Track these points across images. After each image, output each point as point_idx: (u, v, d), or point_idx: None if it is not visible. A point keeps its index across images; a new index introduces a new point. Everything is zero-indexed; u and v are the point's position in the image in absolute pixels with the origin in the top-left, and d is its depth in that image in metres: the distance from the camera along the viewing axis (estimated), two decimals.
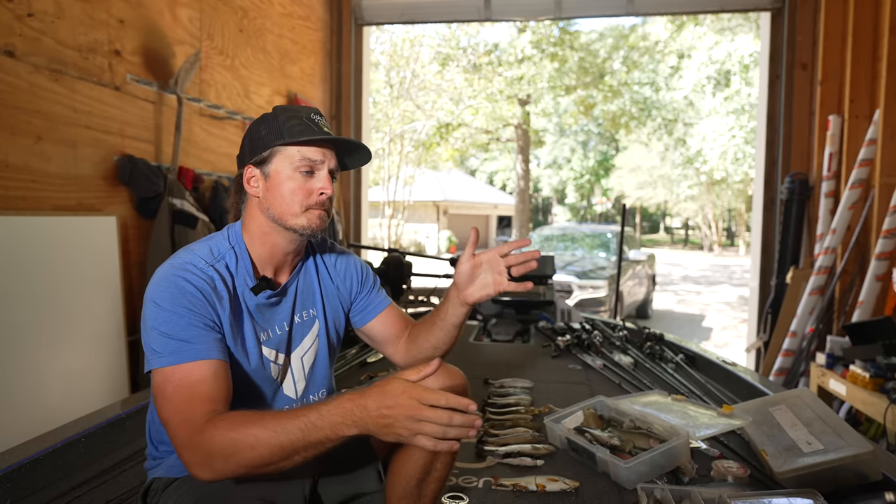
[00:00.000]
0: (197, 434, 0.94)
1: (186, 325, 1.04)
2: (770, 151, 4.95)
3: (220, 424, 0.94)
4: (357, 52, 5.79)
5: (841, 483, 1.51)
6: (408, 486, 1.19)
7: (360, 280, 1.38)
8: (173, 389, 1.00)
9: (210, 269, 1.12)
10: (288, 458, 0.92)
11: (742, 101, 17.49)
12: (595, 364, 2.84)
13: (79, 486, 1.54)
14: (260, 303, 1.18)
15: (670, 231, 37.29)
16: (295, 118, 1.16)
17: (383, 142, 13.61)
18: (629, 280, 8.30)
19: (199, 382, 1.00)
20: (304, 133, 1.14)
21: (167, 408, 0.99)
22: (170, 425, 0.98)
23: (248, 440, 0.91)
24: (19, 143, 2.50)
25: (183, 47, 3.56)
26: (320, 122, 1.18)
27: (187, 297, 1.05)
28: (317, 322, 1.30)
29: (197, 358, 1.02)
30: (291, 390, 1.24)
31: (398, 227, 15.01)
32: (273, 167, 1.17)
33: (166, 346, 1.02)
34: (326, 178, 1.18)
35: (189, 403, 0.98)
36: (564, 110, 19.66)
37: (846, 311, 4.03)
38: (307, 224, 1.16)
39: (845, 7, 4.17)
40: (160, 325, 1.03)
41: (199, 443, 0.94)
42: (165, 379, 1.01)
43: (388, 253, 3.93)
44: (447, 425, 0.89)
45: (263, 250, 1.20)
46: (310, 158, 1.16)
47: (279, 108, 1.19)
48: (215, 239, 1.20)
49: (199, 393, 0.99)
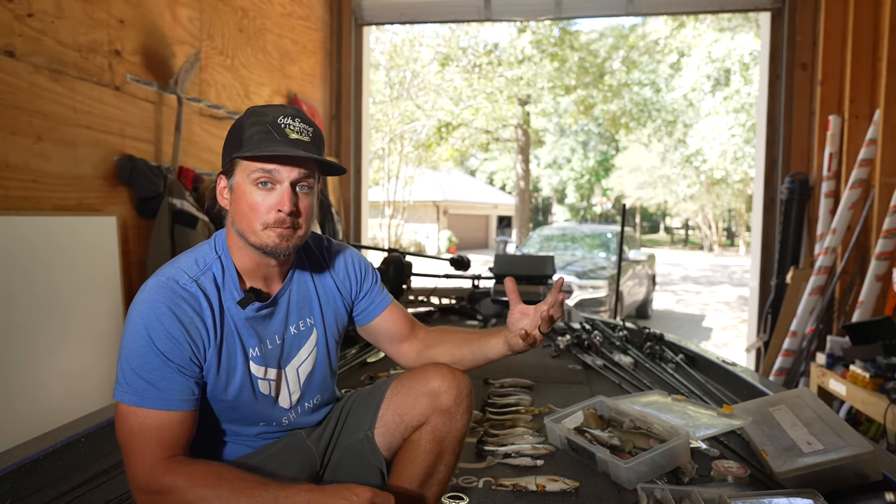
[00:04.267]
0: (153, 479, 0.97)
1: (158, 366, 1.02)
2: (770, 151, 4.95)
3: (179, 475, 0.96)
4: (357, 52, 5.79)
5: (841, 483, 1.51)
6: (410, 487, 1.19)
7: (360, 278, 1.34)
8: (138, 426, 1.00)
9: (194, 285, 1.07)
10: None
11: (742, 101, 17.49)
12: (595, 364, 2.84)
13: (79, 486, 1.54)
14: (249, 316, 1.13)
15: (670, 231, 37.29)
16: (258, 124, 1.06)
17: (383, 142, 13.61)
18: (629, 280, 8.30)
19: (162, 428, 1.01)
20: (263, 143, 1.05)
21: (128, 443, 1.01)
22: (128, 460, 1.00)
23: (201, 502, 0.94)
24: (19, 143, 2.50)
25: (183, 47, 3.56)
26: (288, 128, 1.06)
27: (169, 331, 1.03)
28: (315, 331, 1.25)
29: (163, 407, 1.01)
30: (286, 401, 1.22)
31: (398, 227, 15.01)
32: (236, 179, 1.09)
33: (135, 384, 1.01)
34: (286, 192, 1.06)
35: (150, 445, 0.99)
36: (564, 110, 19.66)
37: (846, 311, 4.03)
38: (266, 242, 1.08)
39: (845, 7, 4.17)
40: (134, 358, 1.02)
41: (155, 488, 0.97)
42: (130, 412, 1.01)
43: (388, 253, 3.93)
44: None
45: (246, 262, 1.14)
46: (265, 170, 1.05)
47: (250, 110, 1.10)
48: (201, 249, 1.15)
49: (161, 437, 1.00)
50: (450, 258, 4.08)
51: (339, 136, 5.72)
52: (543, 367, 2.86)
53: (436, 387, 1.21)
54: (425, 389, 1.21)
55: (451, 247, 22.12)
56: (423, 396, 1.21)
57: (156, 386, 1.01)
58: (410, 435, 1.22)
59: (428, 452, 1.19)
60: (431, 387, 1.21)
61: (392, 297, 1.40)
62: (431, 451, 1.20)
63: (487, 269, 4.05)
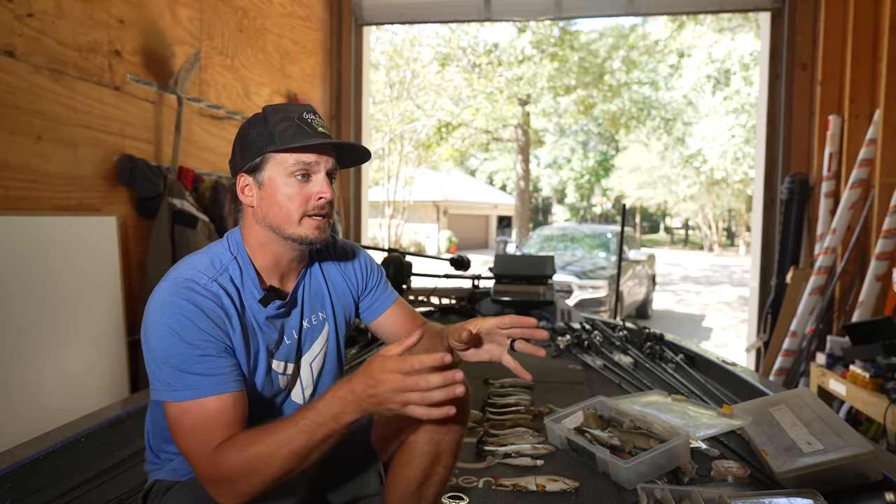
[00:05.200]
0: (217, 466, 0.96)
1: (200, 357, 1.00)
2: (770, 151, 4.95)
3: (231, 451, 0.95)
4: (357, 52, 5.79)
5: (841, 483, 1.51)
6: (407, 489, 1.19)
7: (366, 274, 1.35)
8: (192, 424, 0.98)
9: (214, 284, 1.07)
10: (303, 460, 0.94)
11: (742, 101, 17.49)
12: (595, 364, 2.84)
13: (79, 486, 1.54)
14: (269, 314, 1.14)
15: (670, 231, 37.29)
16: (286, 120, 1.09)
17: (383, 142, 13.62)
18: (629, 280, 8.30)
19: (218, 414, 0.99)
20: (297, 136, 1.08)
21: (185, 442, 0.99)
22: (191, 460, 0.99)
23: (262, 458, 0.93)
24: (19, 143, 2.50)
25: (183, 47, 3.56)
26: (313, 122, 1.11)
27: (197, 324, 1.01)
28: (327, 325, 1.26)
29: (213, 392, 0.99)
30: (299, 396, 1.22)
31: (398, 227, 15.02)
32: (266, 174, 1.10)
33: (182, 380, 0.99)
34: (324, 181, 1.11)
35: (209, 435, 0.98)
36: (564, 110, 19.65)
37: (846, 311, 4.03)
38: (306, 234, 1.11)
39: (845, 7, 4.17)
40: (172, 357, 0.99)
41: (222, 473, 0.95)
42: (183, 412, 0.99)
43: (388, 253, 3.93)
44: (428, 389, 0.88)
45: (266, 260, 1.15)
46: (304, 162, 1.09)
47: (269, 108, 1.13)
48: (215, 249, 1.14)
49: (218, 425, 0.98)
50: (450, 258, 4.08)
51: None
52: (543, 367, 2.86)
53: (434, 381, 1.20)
54: None
55: (451, 247, 22.12)
56: None
57: (204, 375, 1.00)
58: (407, 437, 1.22)
59: (425, 455, 1.19)
60: None
61: (397, 295, 1.40)
62: (428, 454, 1.19)
63: (487, 269, 4.05)
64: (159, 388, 1.01)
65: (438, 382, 0.88)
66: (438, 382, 0.88)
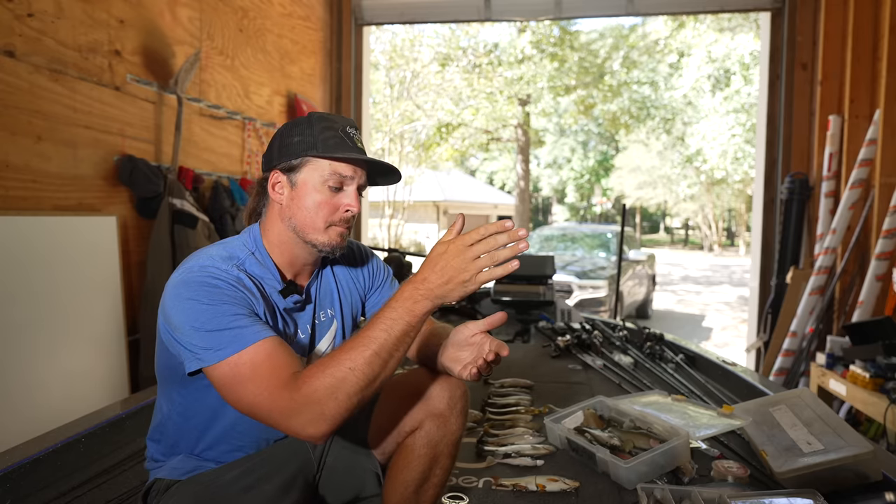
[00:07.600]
0: (297, 393, 0.93)
1: (233, 316, 0.99)
2: (770, 151, 4.95)
3: (310, 374, 0.95)
4: (357, 52, 5.79)
5: (841, 483, 1.51)
6: (406, 492, 1.19)
7: (373, 273, 1.37)
8: (251, 370, 0.96)
9: (234, 270, 1.07)
10: (385, 363, 0.95)
11: (742, 101, 17.48)
12: (595, 364, 2.84)
13: (79, 486, 1.54)
14: (288, 307, 1.16)
15: (670, 231, 37.28)
16: (330, 129, 1.13)
17: (383, 142, 13.61)
18: (629, 280, 8.30)
19: (273, 354, 0.98)
20: (339, 147, 1.12)
21: (250, 389, 0.95)
22: (262, 404, 0.95)
23: (343, 367, 0.93)
24: (19, 143, 2.50)
25: (183, 47, 3.56)
26: (355, 137, 1.15)
27: (224, 291, 1.01)
28: (335, 322, 1.28)
29: (258, 338, 0.98)
30: None
31: (398, 227, 15.01)
32: (301, 177, 1.13)
33: (220, 339, 0.97)
34: (354, 194, 1.15)
35: (275, 372, 0.96)
36: (564, 110, 19.64)
37: (846, 311, 4.03)
38: (327, 241, 1.14)
39: (845, 7, 4.17)
40: (204, 323, 0.98)
41: (304, 400, 0.93)
42: (236, 364, 0.96)
43: (388, 253, 3.94)
44: (495, 248, 0.93)
45: (283, 258, 1.17)
46: (341, 174, 1.13)
47: (315, 115, 1.16)
48: (232, 245, 1.15)
49: (278, 363, 0.97)
50: None
51: None
52: (543, 367, 2.86)
53: (428, 391, 1.20)
54: (417, 394, 1.21)
55: None
56: (415, 401, 1.20)
57: (244, 327, 0.99)
58: (404, 440, 1.21)
59: (423, 457, 1.19)
60: (423, 391, 1.21)
61: None
62: (426, 456, 1.19)
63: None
64: (200, 356, 0.98)
65: (505, 240, 0.93)
66: (505, 240, 0.93)
